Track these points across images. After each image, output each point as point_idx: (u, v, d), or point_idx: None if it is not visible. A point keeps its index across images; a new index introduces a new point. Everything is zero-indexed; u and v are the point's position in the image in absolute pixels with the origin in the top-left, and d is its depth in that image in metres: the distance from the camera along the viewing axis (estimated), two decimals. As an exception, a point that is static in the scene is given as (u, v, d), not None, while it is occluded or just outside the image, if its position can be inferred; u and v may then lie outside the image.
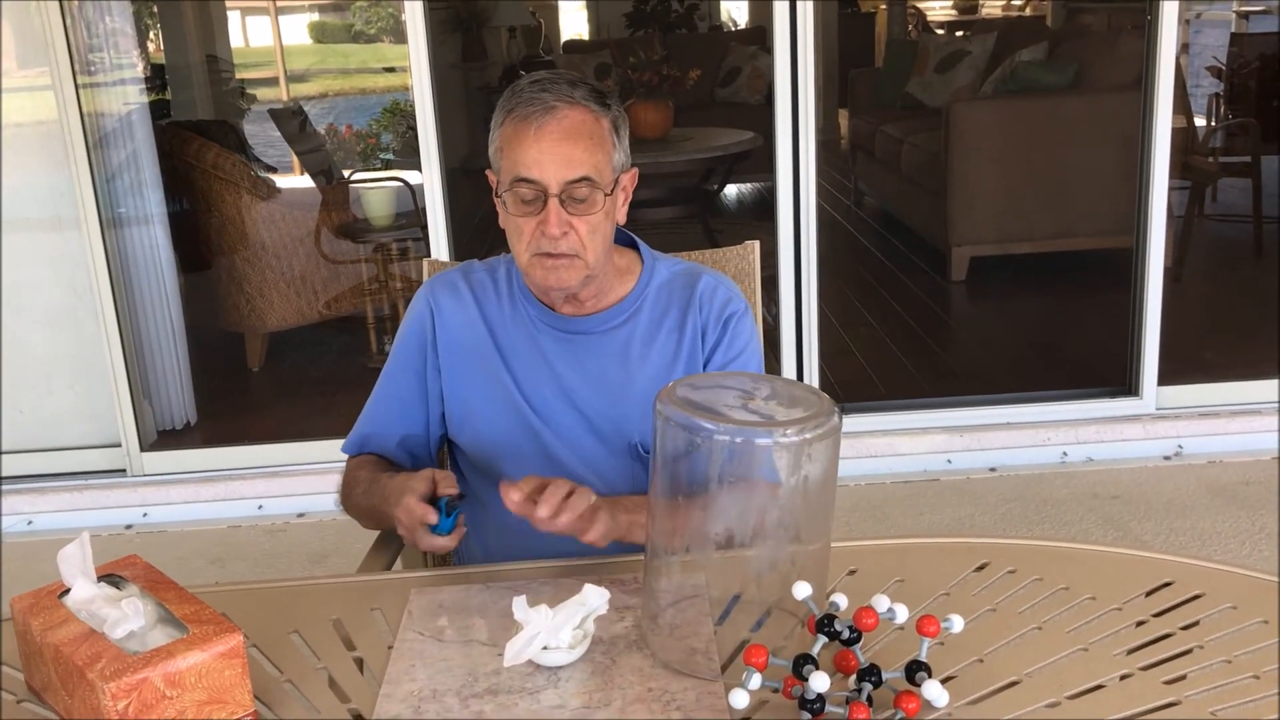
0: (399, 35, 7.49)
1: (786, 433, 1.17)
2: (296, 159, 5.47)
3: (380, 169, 5.84)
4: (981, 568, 1.43)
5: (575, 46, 8.58)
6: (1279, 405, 3.58)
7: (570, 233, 1.52)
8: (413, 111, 3.42)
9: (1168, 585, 1.37)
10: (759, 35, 7.85)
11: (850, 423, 3.49)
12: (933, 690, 1.14)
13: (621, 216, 1.62)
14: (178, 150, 4.26)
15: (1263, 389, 3.64)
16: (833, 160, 7.27)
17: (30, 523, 3.53)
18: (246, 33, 8.80)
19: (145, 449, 3.63)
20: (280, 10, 8.74)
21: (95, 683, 1.10)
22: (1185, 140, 5.05)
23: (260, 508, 3.53)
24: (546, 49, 8.36)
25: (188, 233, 4.27)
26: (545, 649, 1.22)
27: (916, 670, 1.16)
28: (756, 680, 1.13)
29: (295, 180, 5.59)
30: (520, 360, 1.65)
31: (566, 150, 1.49)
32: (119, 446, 3.62)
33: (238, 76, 6.60)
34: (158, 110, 4.52)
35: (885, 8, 8.86)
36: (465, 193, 3.94)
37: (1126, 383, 3.66)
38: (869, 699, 1.13)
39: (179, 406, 3.85)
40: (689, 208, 6.07)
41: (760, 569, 1.29)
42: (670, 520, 1.26)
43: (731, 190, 7.30)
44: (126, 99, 3.68)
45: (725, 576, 1.32)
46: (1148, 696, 1.17)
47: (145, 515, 3.53)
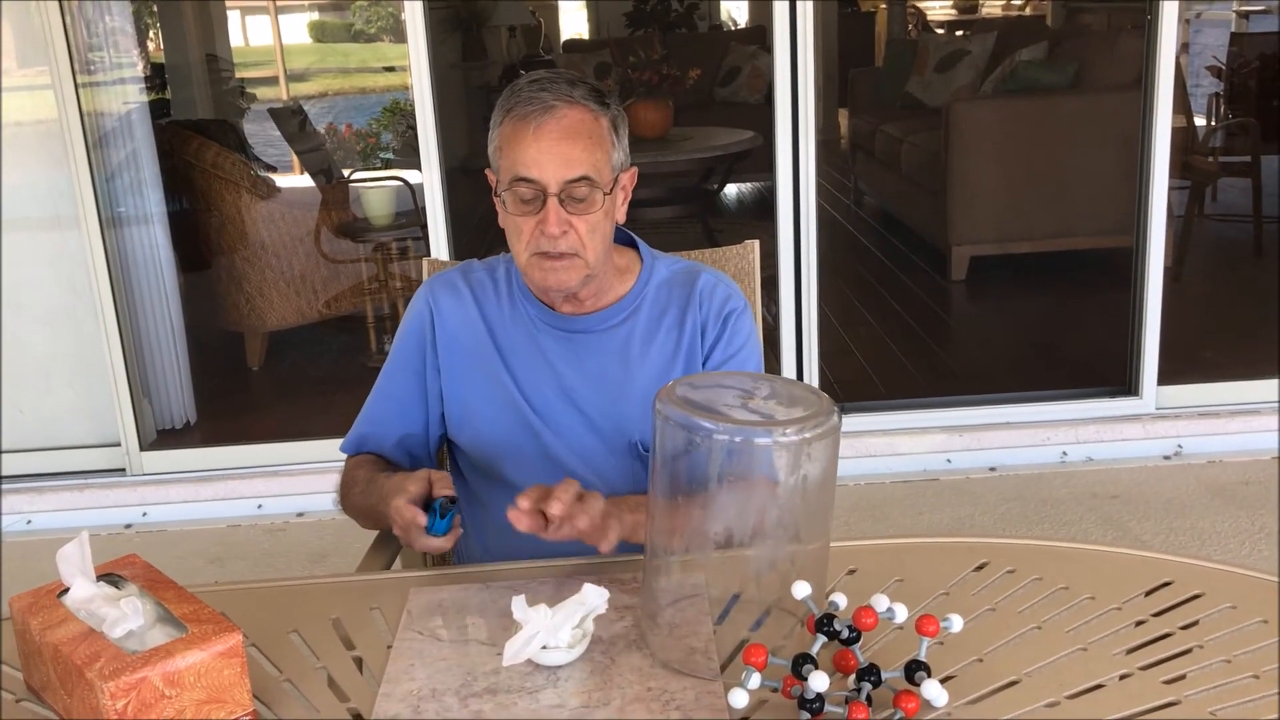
0: (399, 34, 7.49)
1: (786, 432, 1.17)
2: (296, 158, 5.47)
3: (380, 168, 5.85)
4: (981, 567, 1.43)
5: (575, 46, 8.58)
6: (1279, 405, 3.58)
7: (570, 232, 1.52)
8: (412, 111, 3.42)
9: (1167, 585, 1.37)
10: (759, 35, 7.85)
11: (850, 422, 3.49)
12: (932, 690, 1.14)
13: (621, 215, 1.62)
14: (177, 149, 4.26)
15: (1262, 389, 3.64)
16: (833, 160, 7.27)
17: (29, 522, 3.53)
18: (246, 32, 8.80)
19: (145, 448, 3.63)
20: (280, 9, 8.74)
21: (94, 682, 1.10)
22: (1185, 140, 5.05)
23: (259, 507, 3.53)
24: (546, 48, 8.36)
25: (187, 232, 4.27)
26: (544, 648, 1.22)
27: (916, 670, 1.16)
28: (756, 680, 1.13)
29: (295, 179, 5.59)
30: (520, 359, 1.65)
31: (565, 149, 1.49)
32: (118, 446, 3.62)
33: (237, 76, 6.59)
34: (157, 109, 4.52)
35: (885, 7, 8.86)
36: (465, 192, 3.94)
37: (1126, 382, 3.66)
38: (868, 698, 1.13)
39: (178, 406, 3.85)
40: (689, 207, 6.06)
41: (760, 568, 1.29)
42: (669, 520, 1.26)
43: (731, 190, 7.30)
44: (126, 98, 3.68)
45: (724, 576, 1.32)
46: (1147, 696, 1.17)
47: (144, 514, 3.53)
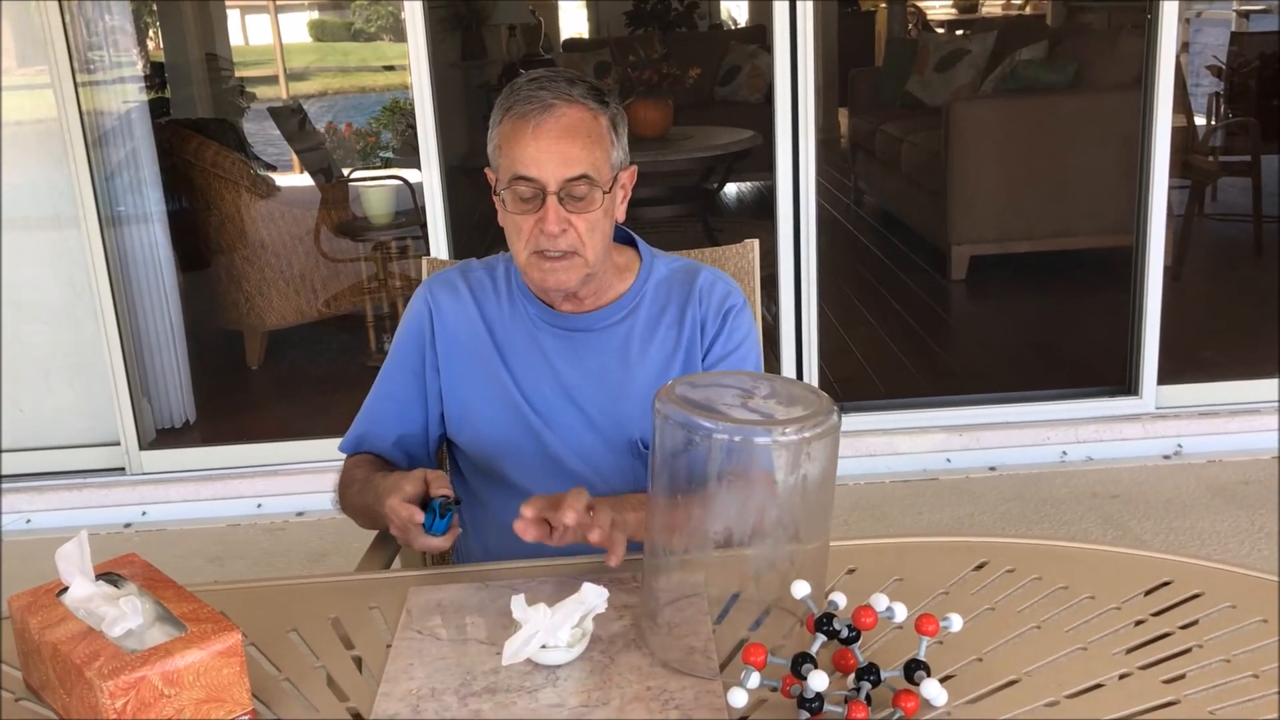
0: (398, 33, 7.50)
1: (785, 431, 1.17)
2: (296, 157, 5.46)
3: (380, 167, 5.85)
4: (980, 567, 1.43)
5: (575, 45, 8.59)
6: (1278, 405, 3.58)
7: (569, 230, 1.52)
8: (412, 110, 3.42)
9: (1167, 584, 1.37)
10: (759, 34, 7.85)
11: (849, 421, 3.49)
12: (931, 689, 1.14)
13: (620, 214, 1.62)
14: (177, 148, 4.26)
15: (1262, 388, 3.64)
16: (832, 159, 7.27)
17: (29, 521, 3.53)
18: (246, 31, 8.80)
19: (144, 447, 3.63)
20: (280, 8, 8.75)
21: (93, 681, 1.09)
22: (1185, 139, 5.05)
23: (259, 506, 3.53)
24: (546, 47, 8.36)
25: (187, 231, 4.27)
26: (544, 648, 1.22)
27: (915, 669, 1.16)
28: (755, 679, 1.13)
29: (295, 178, 5.58)
30: (519, 359, 1.65)
31: (564, 148, 1.49)
32: (118, 445, 3.62)
33: (237, 74, 6.59)
34: (157, 108, 4.52)
35: (885, 6, 8.85)
36: (465, 191, 3.94)
37: (1126, 382, 3.66)
38: (867, 698, 1.13)
39: (178, 405, 3.85)
40: (689, 206, 6.06)
41: (759, 568, 1.29)
42: (669, 519, 1.26)
43: (731, 189, 7.30)
44: (126, 97, 3.68)
45: (724, 575, 1.32)
46: (1146, 695, 1.17)
47: (144, 514, 3.53)
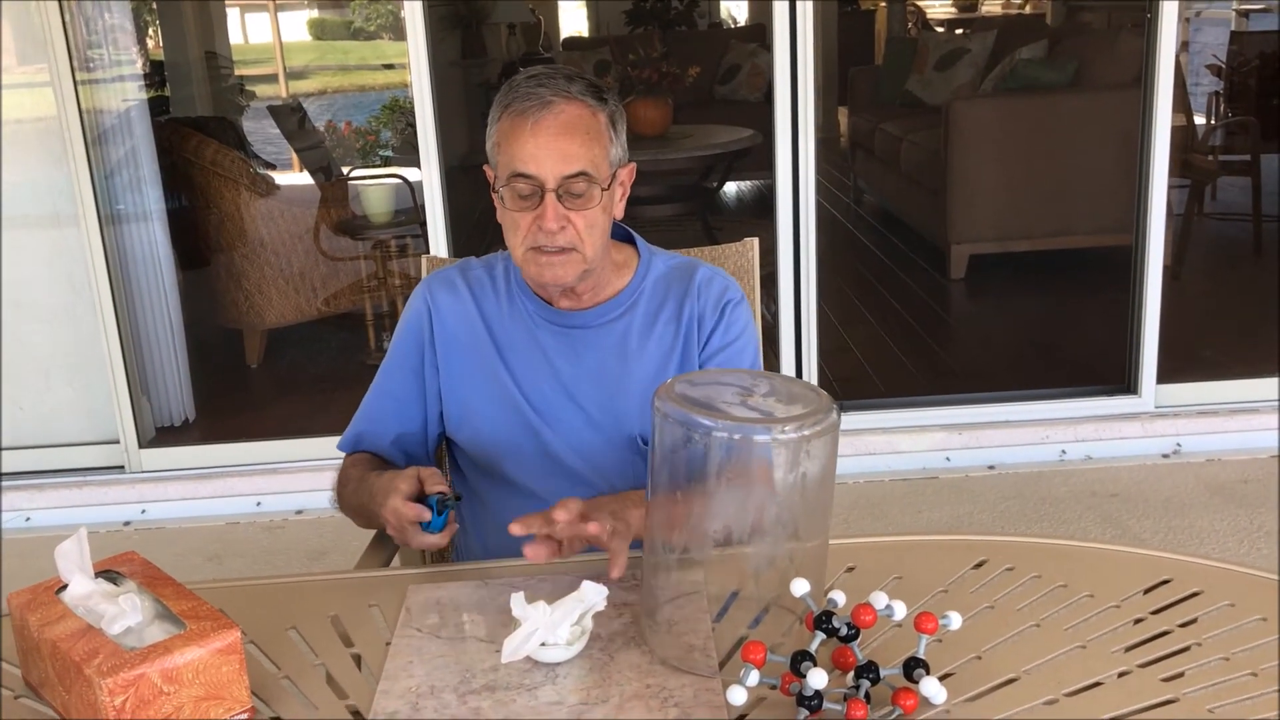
0: (398, 32, 7.49)
1: (785, 429, 1.17)
2: (295, 156, 5.46)
3: (379, 166, 5.85)
4: (980, 565, 1.43)
5: (575, 43, 8.59)
6: (1278, 404, 3.59)
7: (567, 227, 1.52)
8: (412, 108, 3.42)
9: (1166, 583, 1.37)
10: (758, 33, 7.85)
11: (849, 420, 3.49)
12: (930, 687, 1.14)
13: (619, 211, 1.62)
14: (177, 147, 4.26)
15: (1262, 387, 3.64)
16: (832, 158, 7.27)
17: (28, 519, 3.53)
18: (246, 29, 8.81)
19: (144, 445, 3.63)
20: (279, 7, 8.75)
21: (92, 678, 1.09)
22: (1185, 138, 5.05)
23: (258, 504, 3.53)
24: (546, 46, 8.36)
25: (186, 229, 4.27)
26: (543, 645, 1.22)
27: (914, 667, 1.16)
28: (754, 677, 1.13)
29: (294, 177, 5.58)
30: (518, 357, 1.65)
31: (563, 145, 1.49)
32: (117, 443, 3.62)
33: (237, 73, 6.58)
34: (156, 107, 4.52)
35: (885, 5, 8.85)
36: (464, 189, 3.94)
37: (1125, 381, 3.66)
38: (867, 696, 1.13)
39: (177, 403, 3.85)
40: (688, 205, 6.06)
41: (758, 566, 1.29)
42: (669, 517, 1.26)
43: (731, 188, 7.30)
44: (125, 95, 3.67)
45: (723, 573, 1.32)
46: (1145, 694, 1.17)
47: (143, 512, 3.53)
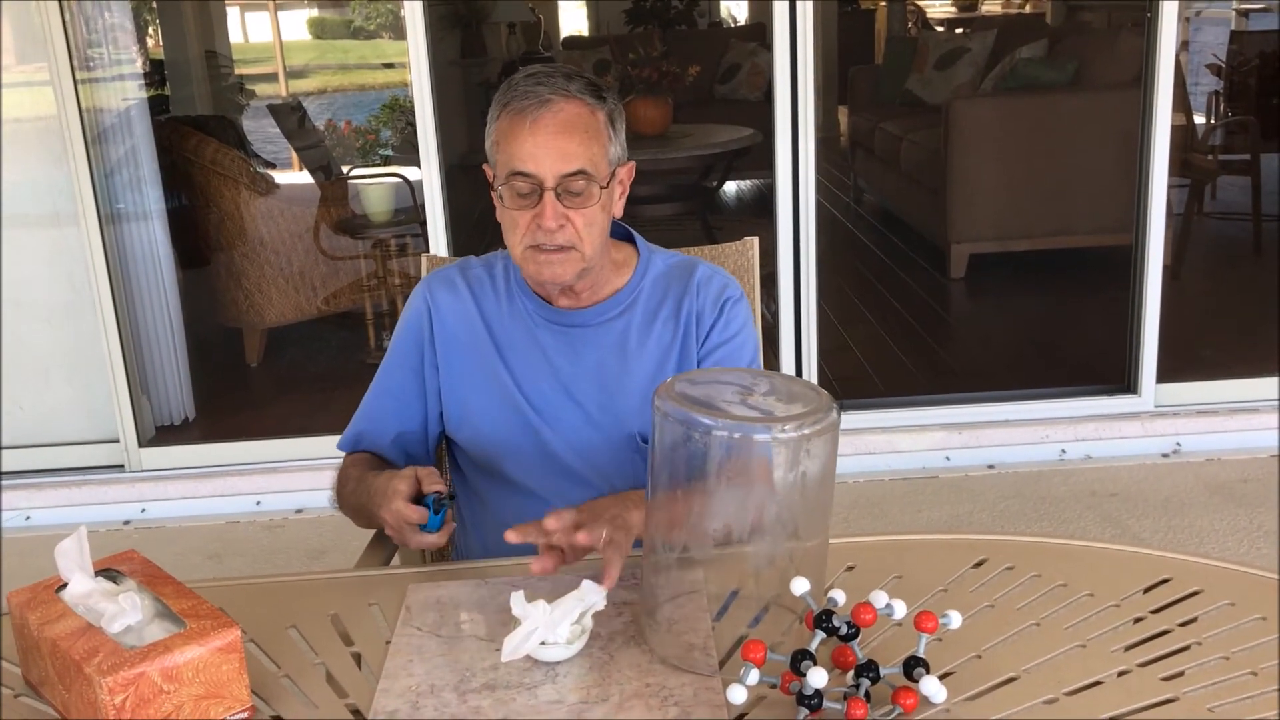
0: (398, 31, 7.49)
1: (785, 429, 1.17)
2: (295, 155, 5.46)
3: (379, 165, 5.85)
4: (979, 564, 1.43)
5: (575, 43, 8.58)
6: (1278, 403, 3.59)
7: (566, 225, 1.52)
8: (412, 107, 3.42)
9: (1166, 582, 1.37)
10: (758, 32, 7.85)
11: (849, 419, 3.49)
12: (930, 686, 1.14)
13: (618, 210, 1.62)
14: (176, 146, 4.26)
15: (1261, 387, 3.64)
16: (832, 157, 7.27)
17: (28, 518, 3.53)
18: (246, 28, 8.81)
19: (143, 444, 3.63)
20: (280, 6, 8.75)
21: (92, 677, 1.09)
22: (1185, 138, 5.05)
23: (258, 503, 3.53)
24: (546, 45, 8.35)
25: (186, 228, 4.27)
26: (543, 644, 1.22)
27: (914, 666, 1.16)
28: (754, 676, 1.13)
29: (294, 176, 5.58)
30: (518, 356, 1.65)
31: (562, 143, 1.49)
32: (117, 442, 3.62)
33: (237, 72, 6.59)
34: (156, 106, 4.52)
35: (885, 4, 8.85)
36: (464, 188, 3.94)
37: (1125, 380, 3.66)
38: (867, 695, 1.13)
39: (177, 402, 3.85)
40: (688, 204, 6.06)
41: (758, 565, 1.29)
42: (669, 515, 1.26)
43: (731, 187, 7.30)
44: (125, 94, 3.67)
45: (723, 572, 1.32)
46: (1145, 693, 1.17)
47: (143, 510, 3.53)
